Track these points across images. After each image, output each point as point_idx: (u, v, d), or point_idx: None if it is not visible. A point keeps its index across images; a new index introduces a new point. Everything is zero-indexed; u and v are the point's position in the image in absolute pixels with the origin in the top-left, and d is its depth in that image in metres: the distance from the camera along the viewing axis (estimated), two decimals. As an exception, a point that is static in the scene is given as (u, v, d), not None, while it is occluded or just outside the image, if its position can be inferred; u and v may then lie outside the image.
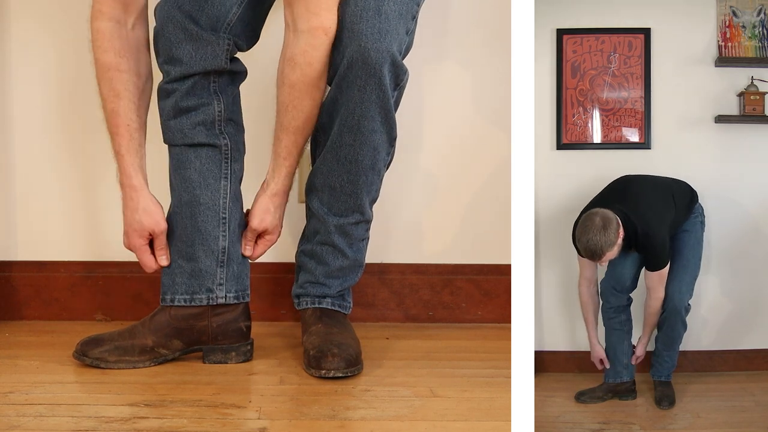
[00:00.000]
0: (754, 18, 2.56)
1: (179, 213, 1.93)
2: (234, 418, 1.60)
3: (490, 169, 2.44)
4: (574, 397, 2.37)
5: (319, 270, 2.04)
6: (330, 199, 1.99)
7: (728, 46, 2.55)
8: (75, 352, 1.90)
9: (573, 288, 2.53)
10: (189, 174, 1.91)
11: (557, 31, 2.57)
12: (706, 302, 2.59)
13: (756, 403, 2.30)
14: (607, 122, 2.59)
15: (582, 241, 2.24)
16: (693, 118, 2.54)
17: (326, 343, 1.89)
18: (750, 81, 2.52)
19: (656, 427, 2.17)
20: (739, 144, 2.56)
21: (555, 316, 2.61)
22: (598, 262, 2.29)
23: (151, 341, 1.90)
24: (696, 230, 2.41)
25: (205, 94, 1.90)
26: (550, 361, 2.57)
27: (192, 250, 1.92)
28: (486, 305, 2.44)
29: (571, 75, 2.57)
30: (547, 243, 2.59)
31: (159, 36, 1.87)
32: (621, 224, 2.22)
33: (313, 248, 2.04)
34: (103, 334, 1.93)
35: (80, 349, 1.89)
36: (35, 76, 2.34)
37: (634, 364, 2.42)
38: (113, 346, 1.88)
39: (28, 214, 2.37)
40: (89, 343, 1.90)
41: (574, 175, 2.58)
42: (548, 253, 2.60)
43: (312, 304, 2.04)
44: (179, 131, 1.91)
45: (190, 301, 1.92)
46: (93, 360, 1.87)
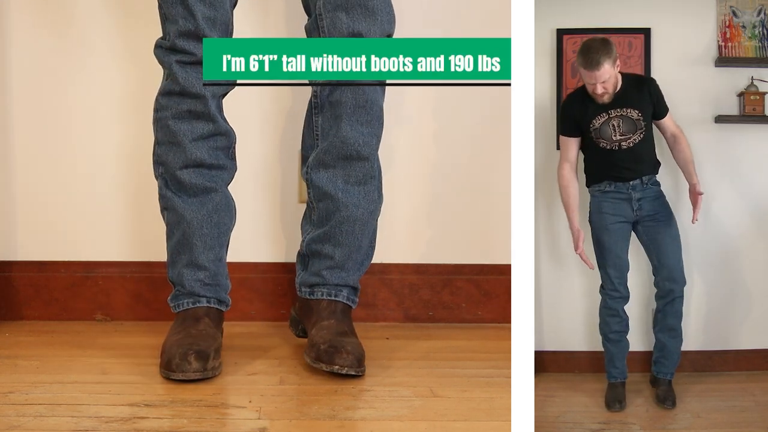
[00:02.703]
0: (754, 18, 2.56)
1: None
2: (234, 418, 1.60)
3: (490, 169, 2.44)
4: (607, 406, 2.32)
5: (338, 253, 2.00)
6: (346, 170, 1.98)
7: (728, 46, 2.54)
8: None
9: (573, 288, 2.53)
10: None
11: (557, 31, 2.57)
12: (706, 302, 2.58)
13: (756, 403, 2.30)
14: (607, 122, 2.58)
15: (581, 51, 2.21)
16: (693, 118, 2.54)
17: (338, 340, 1.89)
18: (750, 81, 2.52)
19: (656, 427, 2.16)
20: (739, 144, 2.56)
21: (555, 316, 2.61)
22: (593, 72, 2.19)
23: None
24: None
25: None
26: (550, 361, 2.57)
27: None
28: (486, 305, 2.44)
29: (571, 75, 2.56)
30: (547, 243, 2.59)
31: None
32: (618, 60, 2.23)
33: (329, 231, 2.00)
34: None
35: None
36: (35, 75, 2.34)
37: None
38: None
39: (28, 214, 2.37)
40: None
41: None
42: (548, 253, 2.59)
43: (328, 296, 2.01)
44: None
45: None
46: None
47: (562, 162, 2.36)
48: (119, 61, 2.35)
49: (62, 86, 2.35)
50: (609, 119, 2.28)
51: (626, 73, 2.32)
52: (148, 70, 2.36)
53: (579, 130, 2.32)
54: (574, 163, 2.35)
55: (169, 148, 1.95)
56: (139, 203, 2.37)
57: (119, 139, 2.37)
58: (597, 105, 2.28)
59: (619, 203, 2.32)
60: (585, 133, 2.32)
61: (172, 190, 1.98)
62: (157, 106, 1.96)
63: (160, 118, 1.96)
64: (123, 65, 2.35)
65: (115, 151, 2.37)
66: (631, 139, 2.29)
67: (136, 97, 2.35)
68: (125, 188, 2.37)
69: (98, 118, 2.36)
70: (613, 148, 2.29)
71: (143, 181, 2.36)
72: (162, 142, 1.97)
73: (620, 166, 2.31)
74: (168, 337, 1.93)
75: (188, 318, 1.96)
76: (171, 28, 1.89)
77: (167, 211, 2.01)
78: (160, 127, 1.96)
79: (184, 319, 1.96)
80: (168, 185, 1.99)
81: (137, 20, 2.32)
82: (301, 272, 2.07)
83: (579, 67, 2.26)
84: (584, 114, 2.29)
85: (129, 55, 2.34)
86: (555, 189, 2.47)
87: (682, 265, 2.35)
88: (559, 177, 2.36)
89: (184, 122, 1.93)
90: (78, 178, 2.37)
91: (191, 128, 1.93)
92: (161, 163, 1.99)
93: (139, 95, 2.34)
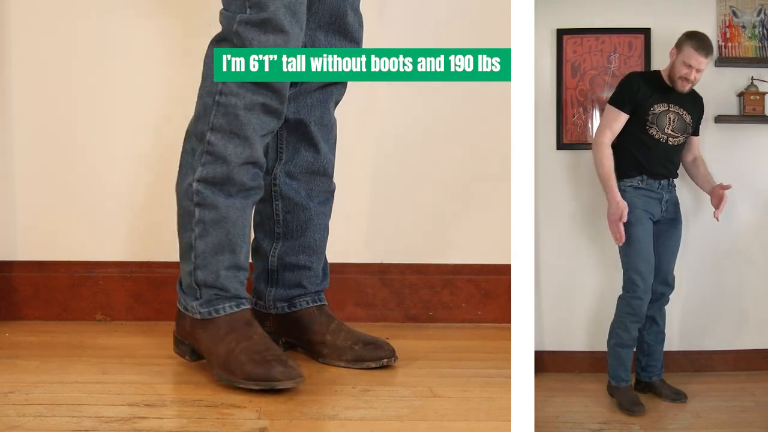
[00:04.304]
0: (754, 18, 2.56)
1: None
2: (234, 418, 1.60)
3: (490, 169, 2.44)
4: (629, 412, 2.26)
5: (314, 261, 2.05)
6: (309, 184, 2.03)
7: (728, 46, 2.54)
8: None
9: (574, 288, 2.53)
10: None
11: (557, 31, 2.57)
12: (706, 302, 2.58)
13: (756, 403, 2.30)
14: (607, 122, 2.58)
15: (694, 34, 2.24)
16: (693, 118, 2.54)
17: (364, 336, 1.99)
18: (750, 81, 2.52)
19: (656, 427, 2.16)
20: (739, 144, 2.56)
21: (555, 316, 2.61)
22: (704, 59, 2.23)
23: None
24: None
25: None
26: (550, 361, 2.57)
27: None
28: (486, 305, 2.44)
29: (571, 75, 2.57)
30: (547, 243, 2.59)
31: None
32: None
33: (304, 242, 2.04)
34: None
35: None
36: (35, 75, 2.34)
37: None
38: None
39: (28, 214, 2.37)
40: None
41: (574, 175, 2.58)
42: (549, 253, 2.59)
43: (314, 303, 2.05)
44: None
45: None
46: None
47: (604, 130, 2.27)
48: (120, 61, 2.34)
49: (62, 86, 2.34)
50: (668, 111, 2.28)
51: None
52: (149, 69, 2.36)
53: (633, 110, 2.27)
54: (614, 136, 2.28)
55: (230, 139, 1.78)
56: (139, 203, 2.37)
57: (119, 139, 2.37)
58: (661, 93, 2.27)
59: (651, 201, 2.28)
60: (638, 116, 2.27)
61: (217, 186, 1.81)
62: (225, 90, 1.77)
63: (226, 104, 1.77)
64: (124, 65, 2.34)
65: (115, 151, 2.37)
66: (677, 138, 2.30)
67: (137, 96, 2.35)
68: (125, 188, 2.37)
69: (98, 118, 2.36)
70: (661, 140, 2.27)
71: (143, 181, 2.36)
72: (221, 129, 1.78)
73: (660, 161, 2.28)
74: (222, 346, 1.80)
75: (238, 322, 1.83)
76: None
77: (203, 208, 1.81)
78: (224, 113, 1.78)
79: (233, 323, 1.83)
80: (214, 181, 1.80)
81: (138, 19, 2.32)
82: (271, 288, 2.06)
83: (688, 48, 2.23)
84: (648, 96, 2.27)
85: (130, 55, 2.34)
86: (555, 189, 2.48)
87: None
88: (599, 145, 2.26)
89: (254, 115, 1.77)
90: (78, 178, 2.37)
91: (261, 123, 1.79)
92: (212, 153, 1.79)
93: (139, 95, 2.34)
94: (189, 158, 1.84)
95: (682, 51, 2.25)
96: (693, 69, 2.24)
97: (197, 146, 1.82)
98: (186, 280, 1.86)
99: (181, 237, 1.86)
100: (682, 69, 2.25)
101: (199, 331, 1.85)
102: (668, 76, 2.29)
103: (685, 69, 2.25)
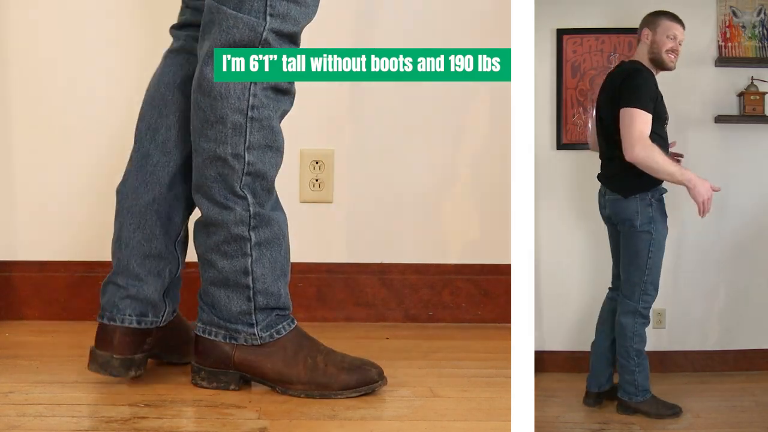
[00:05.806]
0: (754, 18, 2.56)
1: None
2: (234, 418, 1.60)
3: (490, 169, 2.44)
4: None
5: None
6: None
7: (728, 46, 2.55)
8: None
9: (573, 288, 2.53)
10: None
11: (557, 31, 2.57)
12: (706, 302, 2.58)
13: (756, 403, 2.30)
14: (607, 122, 2.58)
15: (660, 12, 2.21)
16: (693, 118, 2.54)
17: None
18: (750, 81, 2.52)
19: (656, 427, 2.16)
20: (739, 144, 2.56)
21: (555, 316, 2.61)
22: (681, 28, 2.20)
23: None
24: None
25: None
26: (550, 361, 2.57)
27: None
28: (486, 305, 2.44)
29: (571, 75, 2.57)
30: (547, 243, 2.59)
31: None
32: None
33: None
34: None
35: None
36: (35, 76, 2.34)
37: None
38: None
39: (28, 214, 2.37)
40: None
41: (574, 175, 2.58)
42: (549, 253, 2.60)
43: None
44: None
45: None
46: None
47: (645, 129, 2.09)
48: (120, 61, 2.35)
49: (63, 86, 2.34)
50: (667, 117, 2.23)
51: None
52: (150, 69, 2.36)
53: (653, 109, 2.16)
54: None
55: (265, 153, 1.71)
56: (139, 203, 2.37)
57: (120, 139, 2.36)
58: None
59: (665, 218, 2.21)
60: (656, 115, 2.15)
61: (268, 205, 1.73)
62: (256, 104, 1.68)
63: (260, 118, 1.69)
64: (124, 64, 2.34)
65: (115, 151, 2.36)
66: (670, 146, 2.27)
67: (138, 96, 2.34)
68: (125, 188, 2.37)
69: (99, 117, 2.36)
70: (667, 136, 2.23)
71: (143, 181, 2.36)
72: (258, 146, 1.70)
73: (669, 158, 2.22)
74: (300, 365, 1.74)
75: (301, 338, 1.78)
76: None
77: (260, 229, 1.72)
78: (260, 128, 1.69)
79: (297, 340, 1.77)
80: (261, 199, 1.72)
81: (138, 19, 2.32)
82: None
83: (664, 21, 2.19)
84: (660, 98, 2.19)
85: (130, 54, 2.34)
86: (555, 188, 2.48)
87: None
88: (647, 147, 2.07)
89: (279, 123, 1.74)
90: (78, 178, 2.37)
91: (282, 131, 1.75)
92: (252, 173, 1.70)
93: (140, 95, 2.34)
94: (216, 186, 1.70)
95: (659, 26, 2.20)
96: (677, 40, 2.20)
97: (224, 170, 1.69)
98: (236, 308, 1.74)
99: (222, 265, 1.73)
100: (667, 42, 2.20)
101: (260, 357, 1.75)
102: (650, 59, 2.21)
103: (670, 42, 2.20)
